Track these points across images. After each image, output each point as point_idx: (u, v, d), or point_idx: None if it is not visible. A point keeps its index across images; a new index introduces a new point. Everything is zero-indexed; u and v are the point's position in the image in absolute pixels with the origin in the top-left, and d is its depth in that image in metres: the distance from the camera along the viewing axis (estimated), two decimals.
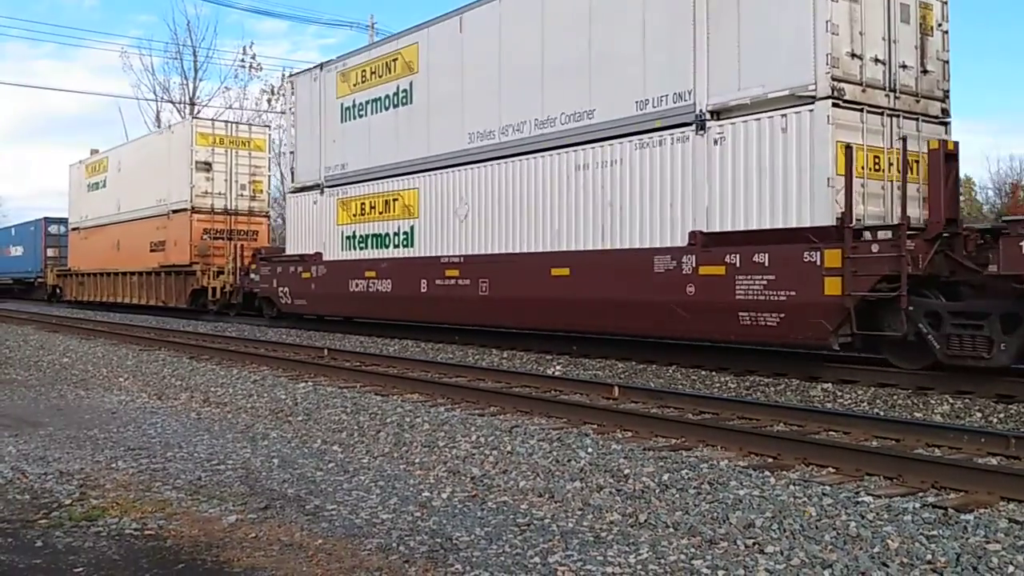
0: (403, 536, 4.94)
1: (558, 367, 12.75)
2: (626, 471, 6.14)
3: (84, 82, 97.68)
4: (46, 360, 14.69)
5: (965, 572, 4.21)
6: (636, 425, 7.83)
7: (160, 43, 73.43)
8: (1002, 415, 8.43)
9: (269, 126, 33.33)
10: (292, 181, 21.42)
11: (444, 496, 5.84)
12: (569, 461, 6.50)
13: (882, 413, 8.73)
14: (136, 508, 5.47)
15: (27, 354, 15.63)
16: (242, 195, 28.02)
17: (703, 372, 11.64)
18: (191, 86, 48.46)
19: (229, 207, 27.75)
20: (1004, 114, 78.23)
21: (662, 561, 4.48)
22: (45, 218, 43.25)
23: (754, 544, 4.70)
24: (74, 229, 37.34)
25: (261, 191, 28.73)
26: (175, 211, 28.00)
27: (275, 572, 4.36)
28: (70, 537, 4.92)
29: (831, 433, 7.52)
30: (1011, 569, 4.22)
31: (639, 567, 4.40)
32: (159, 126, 49.02)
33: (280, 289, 21.43)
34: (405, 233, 17.43)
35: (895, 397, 9.39)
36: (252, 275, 23.37)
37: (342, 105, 19.16)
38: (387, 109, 17.77)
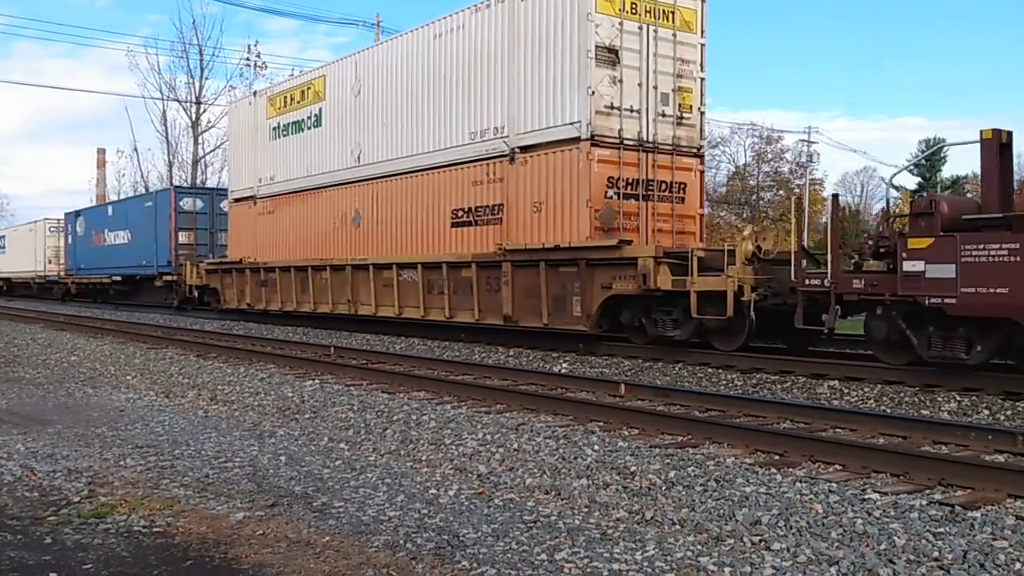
0: (410, 533, 4.95)
1: (564, 365, 12.76)
2: (632, 468, 6.15)
3: (95, 82, 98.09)
4: (54, 358, 14.74)
5: (972, 569, 4.20)
6: (642, 422, 7.83)
7: (166, 42, 73.21)
8: (1009, 412, 8.42)
9: None
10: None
11: (451, 493, 5.85)
12: (575, 458, 6.51)
13: (889, 410, 8.72)
14: (144, 505, 5.49)
15: (35, 352, 15.68)
16: (663, 115, 14.60)
17: (709, 369, 11.64)
18: (197, 85, 48.46)
19: (645, 136, 14.39)
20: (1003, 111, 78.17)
21: (668, 558, 4.49)
22: (175, 187, 33.76)
23: (760, 541, 4.70)
24: (241, 200, 24.05)
25: (691, 108, 15.03)
26: (550, 143, 14.53)
27: (283, 569, 4.38)
28: (79, 534, 4.95)
29: (838, 430, 7.51)
30: (1018, 566, 4.22)
31: (645, 564, 4.41)
32: (165, 126, 48.92)
33: None
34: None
35: (902, 394, 9.37)
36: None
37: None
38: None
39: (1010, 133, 9.73)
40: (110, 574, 4.31)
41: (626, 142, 14.09)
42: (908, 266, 9.45)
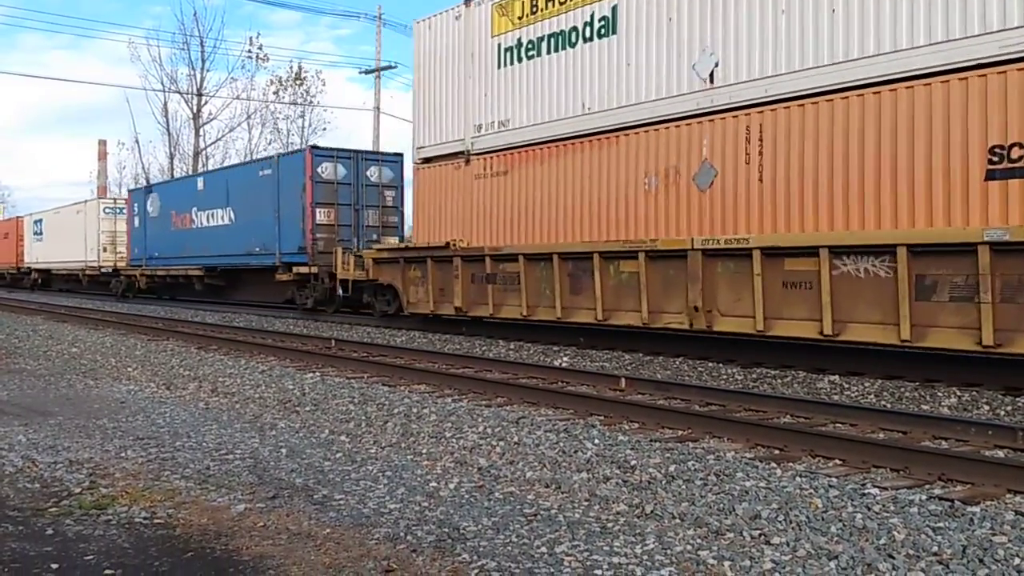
0: (411, 526, 4.96)
1: (565, 358, 12.77)
2: (633, 462, 6.16)
3: (97, 74, 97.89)
4: (55, 350, 14.75)
5: (971, 564, 4.21)
6: (643, 416, 7.84)
7: (168, 33, 73.02)
8: (1009, 408, 8.42)
9: None
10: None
11: (451, 486, 5.86)
12: (576, 452, 6.52)
13: (889, 405, 8.72)
14: (145, 497, 5.50)
15: (36, 344, 15.70)
16: None
17: (710, 364, 11.65)
18: (198, 76, 48.29)
19: None
20: None
21: (668, 552, 4.50)
22: (312, 147, 23.16)
23: (760, 535, 4.71)
24: (438, 160, 16.74)
25: None
26: None
27: (284, 561, 4.39)
28: (80, 525, 4.96)
29: (838, 425, 7.52)
30: (1017, 561, 4.23)
31: (645, 557, 4.42)
32: (166, 118, 48.79)
33: None
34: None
35: (902, 389, 9.38)
36: None
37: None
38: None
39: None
40: (111, 565, 4.32)
41: None
42: None
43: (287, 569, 4.27)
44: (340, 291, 19.78)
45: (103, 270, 35.47)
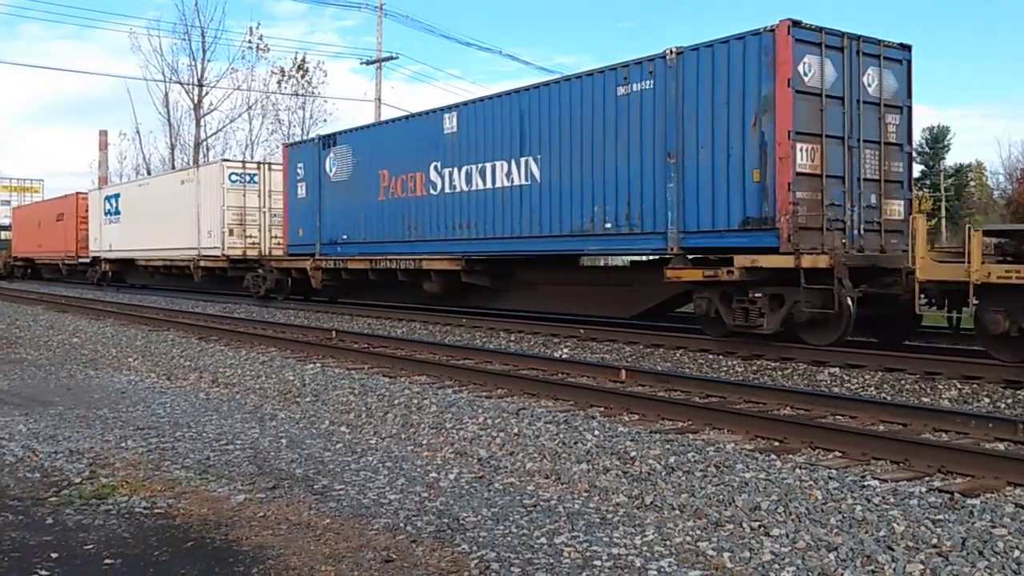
0: (410, 516, 4.97)
1: (565, 350, 12.76)
2: (632, 454, 6.16)
3: (100, 64, 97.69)
4: (56, 340, 14.76)
5: (971, 556, 4.21)
6: (643, 408, 7.84)
7: (169, 24, 72.75)
8: (1010, 400, 8.42)
9: None
10: None
11: (451, 477, 5.86)
12: (576, 443, 6.52)
13: (889, 398, 8.72)
14: (145, 487, 5.51)
15: (37, 334, 15.70)
16: None
17: (710, 356, 11.64)
18: (199, 67, 48.07)
19: None
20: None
21: (668, 543, 4.50)
22: (792, 22, 11.09)
23: (760, 527, 4.71)
24: None
25: None
26: None
27: (283, 550, 4.39)
28: (80, 515, 4.96)
29: (838, 417, 7.52)
30: (1016, 553, 4.23)
31: (645, 548, 4.42)
32: (167, 108, 48.51)
33: None
34: None
35: (902, 382, 9.37)
36: None
37: None
38: None
39: None
40: (111, 555, 4.32)
41: None
42: None
43: (287, 559, 4.28)
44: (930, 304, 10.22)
45: (234, 261, 24.76)
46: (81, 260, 35.75)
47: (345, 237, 19.77)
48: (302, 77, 48.53)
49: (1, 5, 68.00)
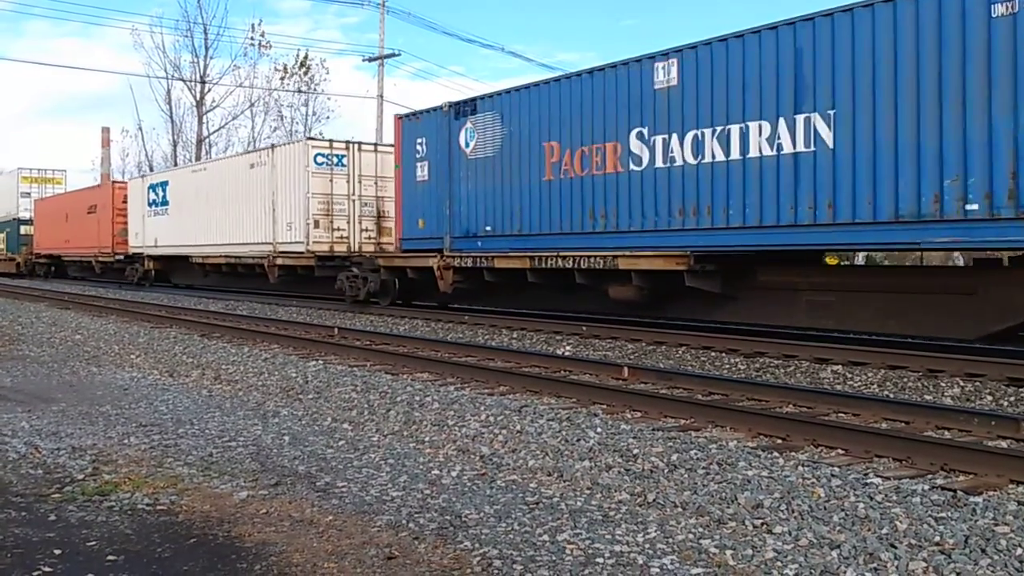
0: (413, 513, 4.97)
1: (568, 347, 12.76)
2: (635, 451, 6.16)
3: (105, 61, 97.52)
4: (58, 337, 14.78)
5: (973, 554, 4.21)
6: (645, 405, 7.84)
7: (171, 21, 72.83)
8: (1012, 398, 8.41)
9: None
10: None
11: (453, 474, 5.87)
12: (578, 441, 6.52)
13: (892, 395, 8.72)
14: (148, 483, 5.52)
15: (39, 331, 15.72)
16: None
17: (712, 353, 11.63)
18: (202, 64, 48.05)
19: None
20: None
21: (670, 540, 4.50)
22: None
23: (762, 524, 4.71)
24: None
25: None
26: None
27: (286, 547, 4.39)
28: (83, 511, 4.97)
29: (840, 415, 7.51)
30: (1019, 551, 4.23)
31: (647, 546, 4.42)
32: (169, 105, 48.37)
33: None
34: None
35: (905, 379, 9.37)
36: None
37: None
38: None
39: None
40: (114, 551, 4.33)
41: None
42: None
43: (289, 556, 4.28)
44: None
45: (322, 259, 20.94)
46: (119, 257, 32.25)
47: (489, 228, 15.85)
48: (305, 74, 48.58)
49: (7, 2, 68.02)
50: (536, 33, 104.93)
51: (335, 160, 21.26)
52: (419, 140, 17.70)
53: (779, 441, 6.58)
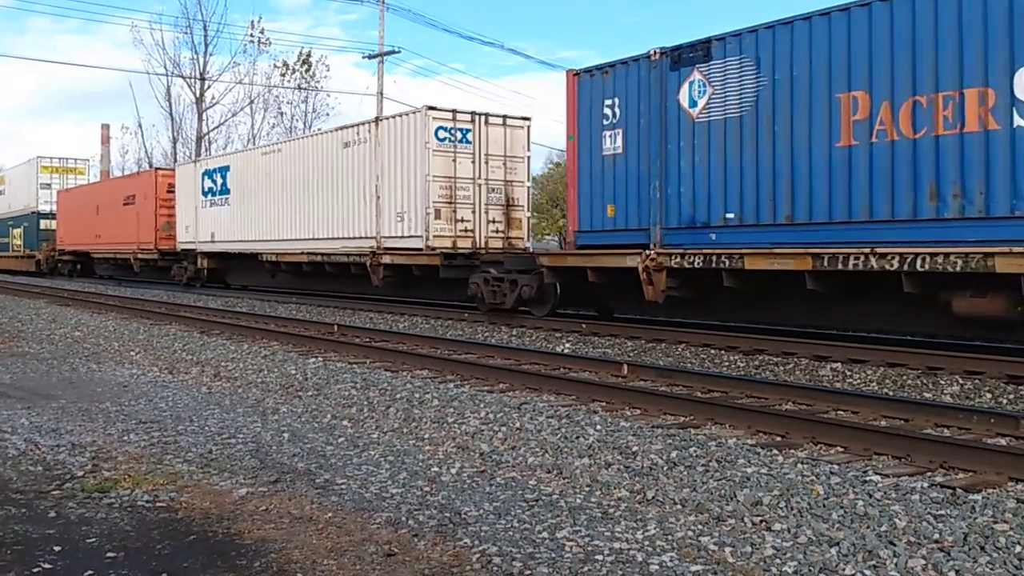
0: (412, 510, 4.97)
1: (567, 345, 12.76)
2: (634, 448, 6.16)
3: (107, 58, 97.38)
4: (58, 334, 14.77)
5: (972, 552, 4.21)
6: (645, 403, 7.84)
7: (171, 17, 72.64)
8: (1012, 396, 8.42)
9: None
10: None
11: (453, 471, 5.87)
12: (578, 438, 6.52)
13: (891, 393, 8.72)
14: (148, 480, 5.52)
15: (39, 327, 15.72)
16: None
17: (712, 351, 11.64)
18: (201, 61, 47.94)
19: None
20: None
21: (669, 537, 4.50)
22: None
23: (761, 521, 4.72)
24: None
25: None
26: None
27: (285, 544, 4.40)
28: (83, 508, 4.97)
29: (840, 412, 7.52)
30: (1018, 549, 4.23)
31: (646, 543, 4.43)
32: (169, 102, 48.17)
33: None
34: None
35: (904, 377, 9.38)
36: None
37: None
38: None
39: None
40: (114, 548, 4.33)
41: None
42: None
43: (289, 553, 4.28)
44: None
45: (445, 255, 17.27)
46: (165, 254, 28.07)
47: (731, 216, 11.94)
48: (306, 71, 48.56)
49: None
50: (537, 31, 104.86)
51: (459, 135, 17.41)
52: (608, 102, 13.49)
53: (778, 438, 6.58)
